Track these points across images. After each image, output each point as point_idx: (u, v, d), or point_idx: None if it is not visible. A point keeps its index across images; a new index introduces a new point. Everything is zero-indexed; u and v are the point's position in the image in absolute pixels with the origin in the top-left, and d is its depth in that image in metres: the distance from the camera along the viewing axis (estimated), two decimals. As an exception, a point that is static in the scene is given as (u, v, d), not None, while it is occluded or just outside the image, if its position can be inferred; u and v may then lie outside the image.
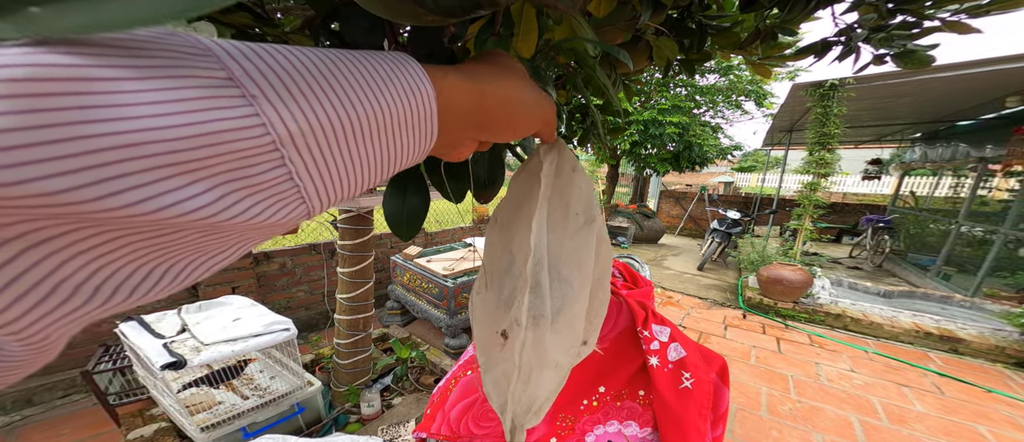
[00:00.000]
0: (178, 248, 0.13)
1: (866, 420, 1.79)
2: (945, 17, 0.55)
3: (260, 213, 0.13)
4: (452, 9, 0.20)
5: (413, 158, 0.18)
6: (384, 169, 0.17)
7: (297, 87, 0.13)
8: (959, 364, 2.39)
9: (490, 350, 0.30)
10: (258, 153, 0.12)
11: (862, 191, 10.89)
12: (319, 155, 0.14)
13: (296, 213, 0.15)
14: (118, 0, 0.08)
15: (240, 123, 0.11)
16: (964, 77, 2.63)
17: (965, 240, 4.04)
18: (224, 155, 0.11)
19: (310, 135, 0.13)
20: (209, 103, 0.11)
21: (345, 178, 0.15)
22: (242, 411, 1.27)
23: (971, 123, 4.02)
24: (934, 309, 3.30)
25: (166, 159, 0.10)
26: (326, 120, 0.13)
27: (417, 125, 0.17)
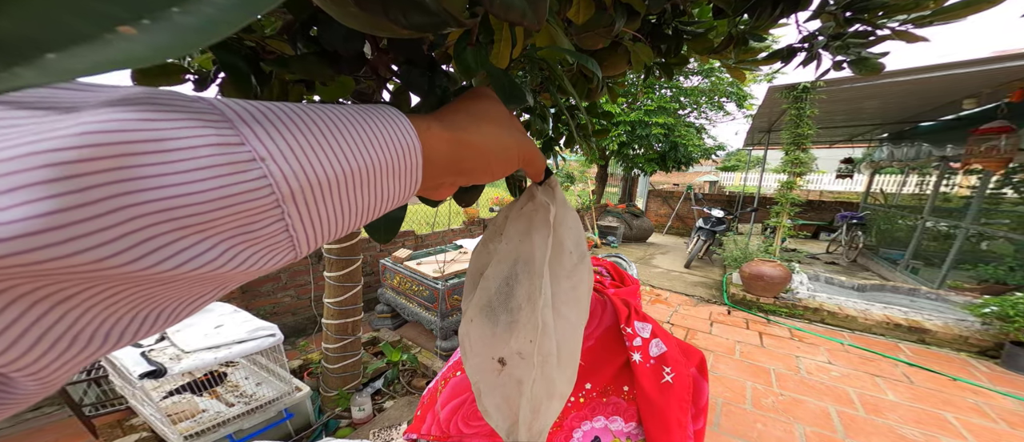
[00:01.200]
0: (170, 295, 0.14)
1: (843, 410, 1.87)
2: (895, 26, 0.59)
3: (257, 262, 0.14)
4: (422, 25, 0.21)
5: (398, 202, 0.20)
6: (370, 213, 0.18)
7: (300, 145, 0.14)
8: (927, 353, 2.53)
9: (486, 375, 0.32)
10: (263, 211, 0.13)
11: (837, 189, 11.36)
12: (314, 206, 0.15)
13: (286, 258, 0.15)
14: (121, 41, 0.08)
15: (251, 186, 0.12)
16: (924, 81, 2.80)
17: (930, 235, 4.27)
18: (234, 216, 0.12)
19: (309, 190, 0.14)
20: (227, 169, 0.12)
21: (333, 223, 0.16)
22: (227, 418, 1.23)
23: (932, 124, 4.26)
24: (903, 301, 3.48)
25: (186, 221, 0.11)
26: (323, 175, 0.14)
27: (404, 174, 0.18)
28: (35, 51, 0.08)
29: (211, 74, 0.44)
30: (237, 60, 0.36)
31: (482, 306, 0.32)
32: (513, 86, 0.29)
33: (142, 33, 0.09)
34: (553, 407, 0.31)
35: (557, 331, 0.30)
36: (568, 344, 0.31)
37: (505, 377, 0.31)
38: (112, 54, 0.08)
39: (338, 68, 0.38)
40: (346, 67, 0.38)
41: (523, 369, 0.30)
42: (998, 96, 3.00)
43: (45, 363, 0.12)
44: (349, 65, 0.38)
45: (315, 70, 0.36)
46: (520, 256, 0.31)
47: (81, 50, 0.08)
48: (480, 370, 0.32)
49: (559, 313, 0.31)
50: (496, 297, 0.31)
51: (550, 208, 0.30)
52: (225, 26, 0.09)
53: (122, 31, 0.08)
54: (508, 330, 0.30)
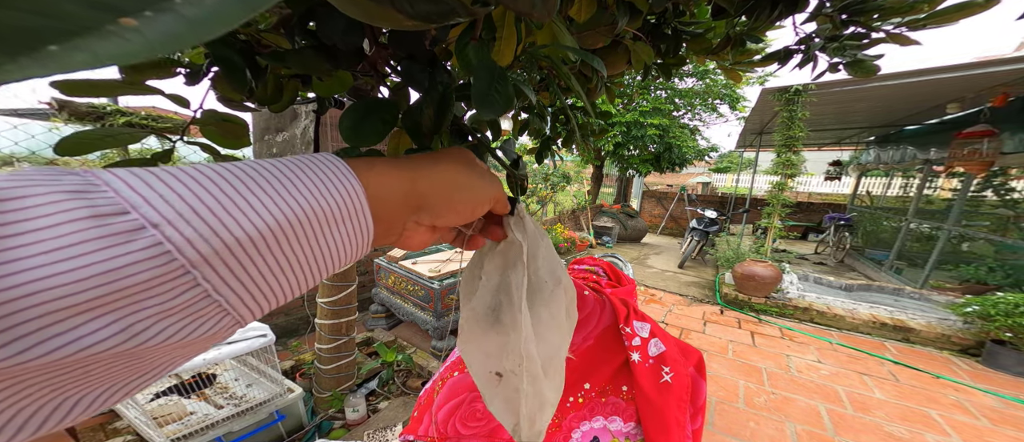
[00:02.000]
0: (93, 378, 0.12)
1: (833, 408, 1.91)
2: (889, 29, 0.60)
3: (177, 333, 0.13)
4: (428, 15, 0.20)
5: (356, 250, 0.19)
6: (323, 266, 0.17)
7: (205, 205, 0.13)
8: (911, 352, 2.59)
9: (488, 385, 0.35)
10: (167, 280, 0.12)
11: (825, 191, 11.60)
12: (239, 268, 0.13)
13: (222, 325, 0.14)
14: (122, 33, 0.08)
15: (142, 255, 0.11)
16: (910, 85, 2.87)
17: (914, 236, 4.38)
18: (127, 289, 0.11)
19: (226, 251, 0.13)
20: (104, 242, 0.11)
21: (276, 282, 0.15)
22: (216, 421, 1.21)
23: (917, 127, 4.37)
24: (888, 301, 3.57)
25: (61, 303, 0.10)
26: (242, 233, 0.13)
27: (349, 219, 0.17)
28: (37, 42, 0.08)
29: (203, 68, 0.43)
30: (231, 54, 0.35)
31: (475, 326, 0.35)
32: (501, 88, 0.28)
33: (144, 25, 0.08)
34: (546, 413, 0.35)
35: (541, 353, 0.33)
36: (553, 361, 0.35)
37: (503, 387, 0.34)
38: (112, 47, 0.08)
39: (336, 63, 0.37)
40: (344, 62, 0.37)
41: (517, 381, 0.33)
42: (981, 101, 3.09)
43: None
44: (347, 60, 0.37)
45: (312, 64, 0.35)
46: (500, 288, 0.33)
47: (82, 42, 0.08)
48: (481, 379, 0.35)
49: (542, 338, 0.34)
50: (485, 320, 0.34)
51: (523, 246, 0.31)
52: (230, 18, 0.09)
53: (124, 23, 0.08)
54: (500, 349, 0.33)
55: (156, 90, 0.39)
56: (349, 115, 0.28)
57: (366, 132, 0.28)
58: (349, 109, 0.29)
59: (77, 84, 0.36)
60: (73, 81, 0.36)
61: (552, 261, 0.35)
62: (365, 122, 0.28)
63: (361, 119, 0.28)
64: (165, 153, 0.38)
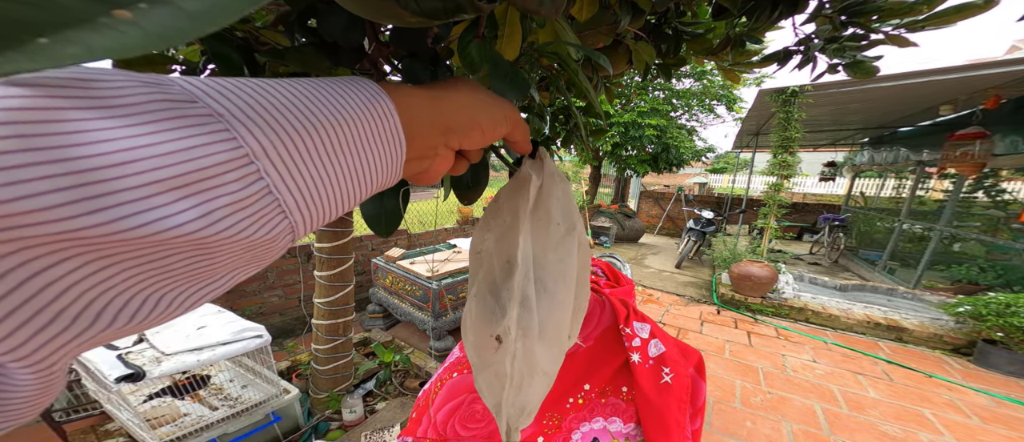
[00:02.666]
0: (172, 274, 0.13)
1: (828, 408, 1.93)
2: (888, 31, 0.60)
3: (245, 229, 0.13)
4: (434, 11, 0.20)
5: (391, 171, 0.19)
6: (364, 184, 0.18)
7: (263, 107, 0.14)
8: (904, 351, 2.62)
9: (483, 352, 0.32)
10: (235, 166, 0.13)
11: (820, 191, 11.72)
12: (294, 168, 0.14)
13: (279, 229, 0.15)
14: (116, 26, 0.08)
15: (212, 138, 0.12)
16: (904, 87, 2.90)
17: (907, 237, 4.44)
18: (205, 171, 0.12)
19: (282, 148, 0.14)
20: (181, 123, 0.12)
21: (325, 192, 0.16)
22: (211, 422, 1.19)
23: (911, 129, 4.43)
24: (882, 301, 3.61)
25: (149, 177, 0.11)
26: (295, 134, 0.14)
27: (385, 137, 0.18)
28: (26, 34, 0.07)
29: (199, 66, 0.42)
30: (229, 51, 0.34)
31: (484, 284, 0.32)
32: (516, 75, 0.28)
33: (140, 17, 0.08)
34: (536, 385, 0.31)
35: (540, 306, 0.30)
36: (552, 319, 0.30)
37: (500, 354, 0.31)
38: (107, 40, 0.08)
39: (336, 60, 0.36)
40: (345, 59, 0.37)
41: (510, 343, 0.30)
42: (973, 103, 3.13)
43: (25, 341, 0.11)
44: (348, 57, 0.37)
45: (312, 62, 0.34)
46: (516, 233, 0.31)
47: (74, 34, 0.07)
48: (478, 347, 0.32)
49: (544, 287, 0.30)
50: (500, 275, 0.31)
51: (532, 178, 0.29)
52: (233, 9, 0.09)
53: (117, 15, 0.08)
54: (507, 306, 0.30)
55: (151, 87, 0.38)
56: None
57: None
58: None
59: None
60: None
61: (568, 205, 0.32)
62: None
63: None
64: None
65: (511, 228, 0.31)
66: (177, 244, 0.12)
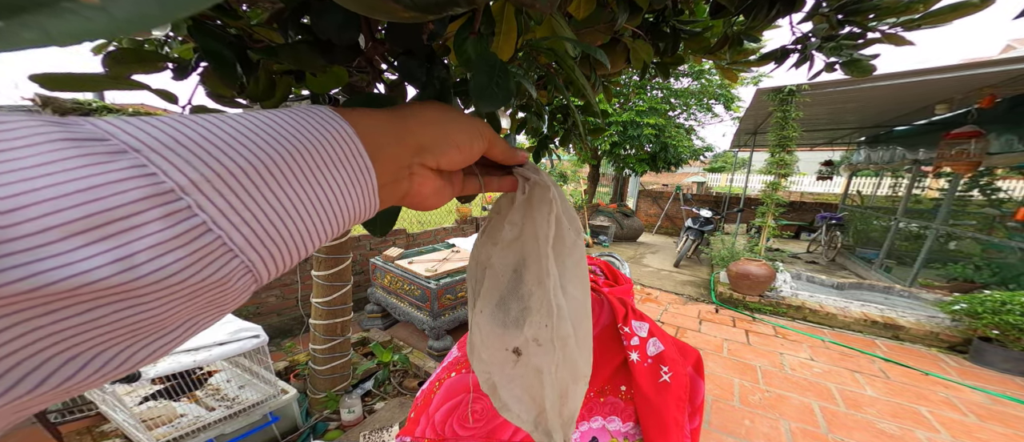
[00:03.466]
0: (106, 329, 0.12)
1: (826, 406, 1.94)
2: (884, 29, 0.60)
3: (181, 272, 0.12)
4: (429, 6, 0.20)
5: (364, 198, 0.18)
6: (335, 215, 0.17)
7: (191, 140, 0.13)
8: (901, 349, 2.64)
9: (502, 368, 0.31)
10: (157, 204, 0.11)
11: (817, 190, 11.77)
12: (239, 203, 0.13)
13: (229, 268, 0.13)
14: (82, 11, 0.07)
15: (127, 173, 0.11)
16: (900, 86, 2.92)
17: (903, 235, 4.46)
18: (117, 210, 0.11)
19: (219, 181, 0.13)
20: (86, 161, 0.10)
21: (286, 227, 0.15)
22: (208, 423, 1.19)
23: (907, 128, 4.45)
24: (878, 299, 3.63)
25: (46, 221, 0.09)
26: (235, 165, 0.13)
27: (348, 162, 0.17)
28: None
29: (192, 63, 0.41)
30: (221, 48, 0.34)
31: (492, 297, 0.32)
32: (504, 79, 0.26)
33: (106, 2, 0.07)
34: (579, 390, 0.30)
35: (570, 311, 0.29)
36: (582, 324, 0.30)
37: (522, 367, 0.30)
38: (68, 25, 0.07)
39: (331, 58, 0.36)
40: (340, 57, 0.36)
41: (542, 356, 0.29)
42: (968, 102, 3.15)
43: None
44: (343, 55, 0.36)
45: (306, 60, 0.34)
46: (525, 241, 0.30)
47: (31, 18, 0.07)
48: (494, 363, 0.31)
49: (567, 292, 0.30)
50: (507, 287, 0.31)
51: (549, 187, 0.29)
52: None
53: (83, 0, 0.07)
54: (521, 317, 0.30)
55: (143, 85, 0.38)
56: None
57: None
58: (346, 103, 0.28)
59: (58, 78, 0.34)
60: (54, 75, 0.34)
61: (571, 211, 0.32)
62: None
63: None
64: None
65: (518, 238, 0.31)
66: (97, 295, 0.11)
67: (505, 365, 0.31)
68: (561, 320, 0.28)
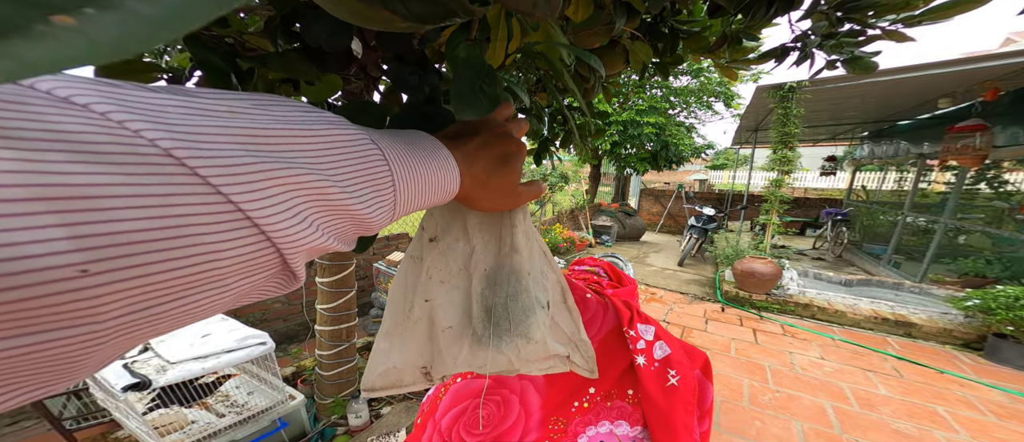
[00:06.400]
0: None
1: (838, 406, 1.90)
2: (885, 26, 0.60)
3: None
4: (424, 16, 0.20)
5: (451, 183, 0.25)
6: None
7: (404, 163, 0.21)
8: (914, 347, 2.59)
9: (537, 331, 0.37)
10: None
11: (821, 186, 11.66)
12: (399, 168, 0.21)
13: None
14: (46, 40, 0.07)
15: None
16: (902, 81, 2.89)
17: (910, 230, 4.40)
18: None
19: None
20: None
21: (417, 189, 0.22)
22: (218, 429, 1.19)
23: (910, 122, 4.40)
24: (888, 295, 3.57)
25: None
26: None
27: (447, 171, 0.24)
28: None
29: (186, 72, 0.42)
30: (213, 57, 0.34)
31: (460, 310, 0.35)
32: (471, 90, 0.26)
33: (86, 24, 0.07)
34: (575, 317, 0.41)
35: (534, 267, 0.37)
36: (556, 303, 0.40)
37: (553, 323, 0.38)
38: (44, 51, 0.07)
39: (323, 66, 0.36)
40: (332, 65, 0.37)
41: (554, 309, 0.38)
42: (972, 96, 3.12)
43: None
44: (335, 63, 0.37)
45: (298, 68, 0.34)
46: (460, 246, 0.35)
47: (4, 46, 0.06)
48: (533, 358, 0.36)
49: (533, 253, 0.37)
50: (477, 290, 0.34)
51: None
52: (197, 15, 0.08)
53: (57, 21, 0.07)
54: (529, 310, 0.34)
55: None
56: (342, 114, 0.28)
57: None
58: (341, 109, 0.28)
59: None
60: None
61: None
62: (356, 121, 0.27)
63: (352, 119, 0.27)
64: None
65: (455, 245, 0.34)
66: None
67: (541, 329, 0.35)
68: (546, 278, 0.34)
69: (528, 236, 0.35)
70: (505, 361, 0.33)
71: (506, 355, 0.33)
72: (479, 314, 0.32)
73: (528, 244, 0.34)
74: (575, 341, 0.41)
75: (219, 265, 0.13)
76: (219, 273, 0.13)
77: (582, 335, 0.41)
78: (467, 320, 0.33)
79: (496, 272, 0.33)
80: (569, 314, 0.41)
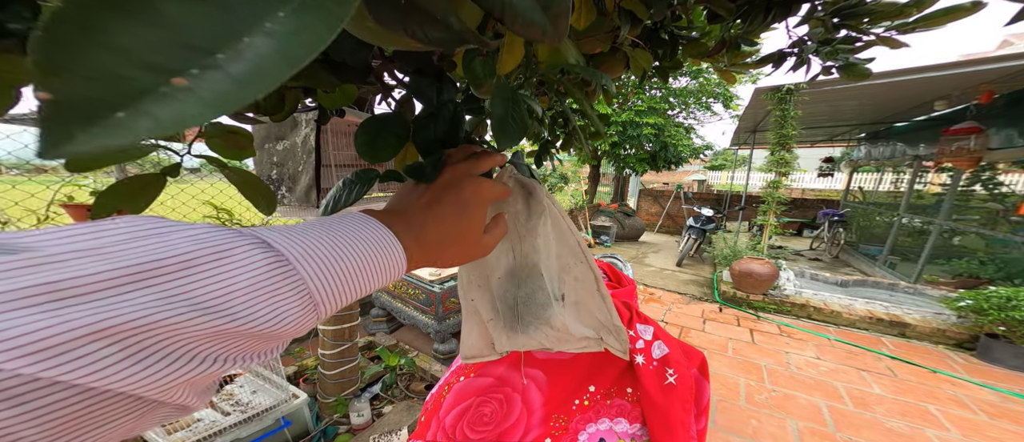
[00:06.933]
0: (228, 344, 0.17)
1: (833, 405, 1.93)
2: (879, 33, 0.61)
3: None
4: (442, 41, 0.21)
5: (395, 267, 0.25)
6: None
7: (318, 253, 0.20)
8: (907, 347, 2.62)
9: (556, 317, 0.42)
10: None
11: (819, 187, 11.73)
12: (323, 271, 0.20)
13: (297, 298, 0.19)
14: (169, 101, 0.08)
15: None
16: (898, 84, 2.92)
17: (906, 231, 4.44)
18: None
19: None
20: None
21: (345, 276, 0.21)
22: (223, 427, 1.20)
23: (906, 124, 4.44)
24: (883, 296, 3.61)
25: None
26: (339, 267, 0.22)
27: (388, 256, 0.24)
28: (105, 110, 0.07)
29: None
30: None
31: (495, 300, 0.40)
32: (508, 118, 0.28)
33: (194, 83, 0.08)
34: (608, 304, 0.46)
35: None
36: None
37: (571, 307, 0.44)
38: (170, 110, 0.08)
39: (343, 76, 0.37)
40: (351, 76, 0.38)
41: (580, 290, 0.43)
42: (967, 98, 3.15)
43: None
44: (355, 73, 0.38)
45: (321, 78, 0.35)
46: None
47: (144, 106, 0.08)
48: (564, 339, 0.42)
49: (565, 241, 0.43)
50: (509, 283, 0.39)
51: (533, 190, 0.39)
52: (274, 75, 0.09)
53: (175, 83, 0.08)
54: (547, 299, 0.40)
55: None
56: (364, 130, 0.29)
57: (381, 147, 0.28)
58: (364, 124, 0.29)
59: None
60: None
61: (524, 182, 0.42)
62: (379, 138, 0.28)
63: (376, 135, 0.29)
64: (174, 167, 0.38)
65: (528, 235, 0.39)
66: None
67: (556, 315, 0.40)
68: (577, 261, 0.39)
69: (549, 238, 0.40)
70: (536, 344, 0.43)
71: (535, 339, 0.41)
72: (503, 310, 0.39)
73: (547, 246, 0.39)
74: (608, 326, 0.47)
75: (96, 419, 0.14)
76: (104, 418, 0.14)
77: (615, 321, 0.46)
78: (497, 314, 0.41)
79: (519, 271, 0.38)
80: (602, 301, 0.46)
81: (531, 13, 0.20)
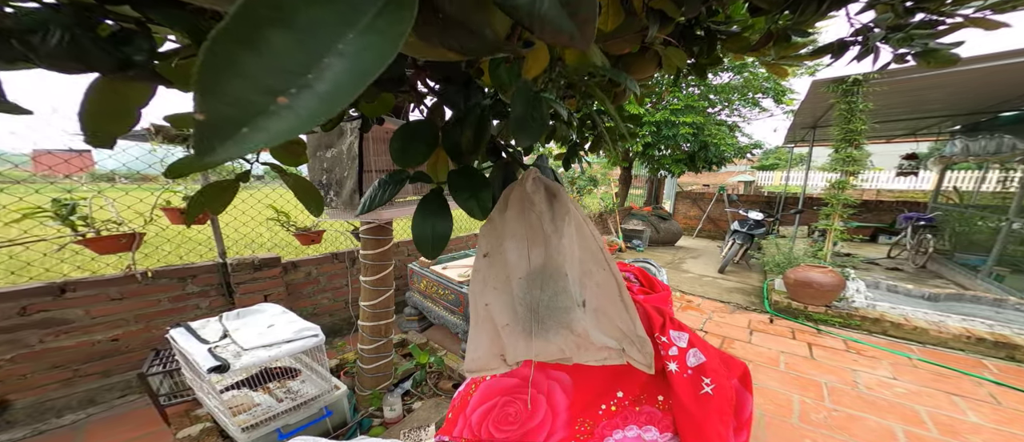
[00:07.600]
0: None
1: (911, 430, 1.67)
2: (968, 13, 0.54)
3: None
4: (477, 51, 0.23)
5: None
6: None
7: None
8: (1018, 372, 2.19)
9: (577, 324, 0.42)
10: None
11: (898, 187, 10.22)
12: None
13: None
14: (276, 117, 0.10)
15: None
16: (1002, 68, 2.46)
17: (1018, 238, 3.71)
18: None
19: None
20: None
21: None
22: (277, 413, 1.33)
23: (1016, 113, 3.72)
24: (987, 313, 3.04)
25: None
26: None
27: None
28: (234, 128, 0.09)
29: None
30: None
31: (512, 305, 0.39)
32: (528, 117, 0.29)
33: (293, 101, 0.10)
34: (631, 313, 0.44)
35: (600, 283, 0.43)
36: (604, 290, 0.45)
37: (591, 314, 0.42)
38: (280, 124, 0.10)
39: (381, 86, 0.41)
40: (389, 85, 0.41)
41: (601, 297, 0.41)
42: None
43: None
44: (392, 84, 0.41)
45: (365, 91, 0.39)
46: (517, 246, 0.40)
47: (261, 122, 0.10)
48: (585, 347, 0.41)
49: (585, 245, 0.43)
50: (527, 286, 0.38)
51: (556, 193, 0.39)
52: (348, 90, 0.11)
53: (280, 102, 0.10)
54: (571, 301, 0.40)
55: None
56: (397, 138, 0.32)
57: (412, 154, 0.31)
58: (397, 132, 0.32)
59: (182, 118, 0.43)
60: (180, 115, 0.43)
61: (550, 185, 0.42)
62: (411, 145, 0.31)
63: (408, 142, 0.31)
64: (245, 173, 0.45)
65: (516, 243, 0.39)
66: None
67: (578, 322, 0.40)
68: (598, 267, 0.39)
69: (573, 241, 0.39)
70: (556, 350, 0.40)
71: (556, 344, 0.39)
72: (523, 313, 0.38)
73: (571, 249, 0.38)
74: (631, 337, 0.44)
75: None
76: None
77: (639, 331, 0.44)
78: (516, 318, 0.40)
79: (541, 274, 0.38)
80: (625, 309, 0.44)
81: (560, 20, 0.20)
